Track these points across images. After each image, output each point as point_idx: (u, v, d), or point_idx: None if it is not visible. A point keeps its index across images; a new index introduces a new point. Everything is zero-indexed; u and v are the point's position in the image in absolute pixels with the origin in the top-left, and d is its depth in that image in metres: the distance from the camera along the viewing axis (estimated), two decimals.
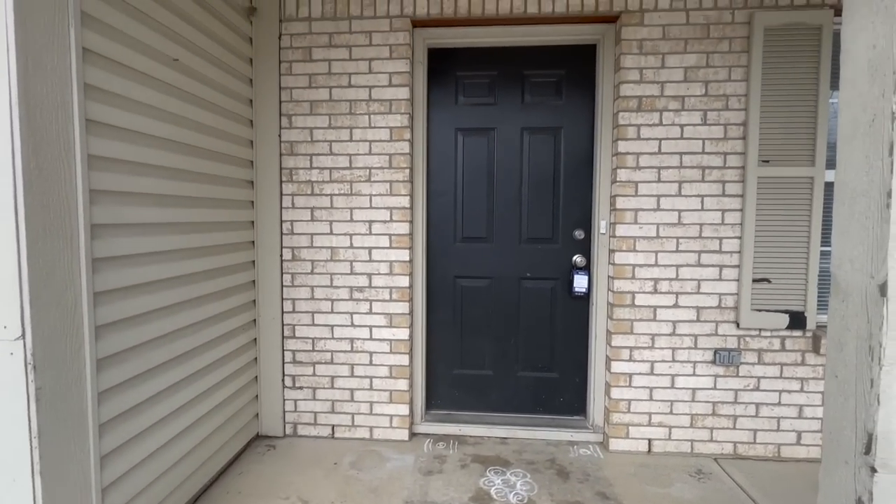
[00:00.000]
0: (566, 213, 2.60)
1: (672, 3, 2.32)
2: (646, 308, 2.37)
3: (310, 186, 2.50)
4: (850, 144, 1.16)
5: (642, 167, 2.35)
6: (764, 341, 2.33)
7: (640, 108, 2.34)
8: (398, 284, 2.47)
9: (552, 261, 2.62)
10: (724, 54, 2.31)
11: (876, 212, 1.08)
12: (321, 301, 2.51)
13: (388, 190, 2.46)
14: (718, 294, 2.34)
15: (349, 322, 2.51)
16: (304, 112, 2.49)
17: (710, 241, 2.33)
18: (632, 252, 2.37)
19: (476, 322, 2.67)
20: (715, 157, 2.32)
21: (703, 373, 2.36)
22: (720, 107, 2.31)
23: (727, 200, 2.32)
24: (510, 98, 2.61)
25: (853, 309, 1.14)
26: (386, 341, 2.49)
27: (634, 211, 2.36)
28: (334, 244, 2.49)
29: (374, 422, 2.52)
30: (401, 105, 2.44)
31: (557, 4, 2.36)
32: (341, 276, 2.50)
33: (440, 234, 2.66)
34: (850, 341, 1.15)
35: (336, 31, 2.46)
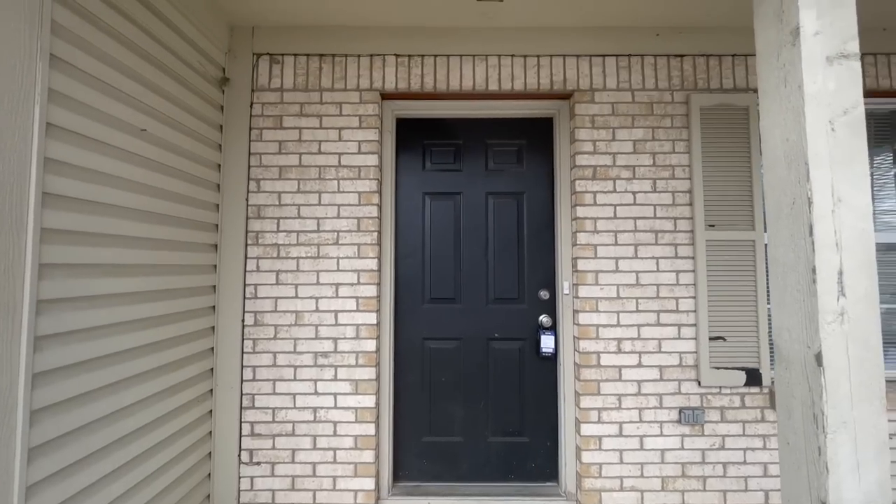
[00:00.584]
0: (531, 274, 2.67)
1: (619, 84, 2.56)
2: (611, 368, 2.40)
3: (276, 249, 2.48)
4: (777, 224, 1.27)
5: (600, 231, 2.48)
6: (725, 399, 2.39)
7: (595, 176, 2.51)
8: (365, 349, 2.43)
9: (519, 321, 2.65)
10: (667, 129, 2.54)
11: (805, 286, 1.17)
12: (283, 368, 2.42)
13: (356, 252, 2.48)
14: (679, 353, 2.41)
15: (313, 390, 2.41)
16: (272, 177, 2.53)
17: (668, 301, 2.44)
18: (595, 312, 2.44)
19: (445, 385, 2.62)
20: (666, 221, 2.48)
21: (670, 433, 2.37)
22: (667, 176, 2.51)
23: (680, 262, 2.46)
24: (475, 165, 2.74)
25: (796, 377, 1.20)
26: (351, 409, 2.40)
27: (595, 273, 2.46)
28: (299, 308, 2.45)
29: (338, 498, 2.36)
30: (370, 171, 2.52)
31: (516, 83, 2.56)
32: (306, 340, 2.43)
33: (408, 295, 2.66)
34: (796, 408, 1.20)
35: (307, 101, 2.56)
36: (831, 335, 1.12)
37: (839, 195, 1.16)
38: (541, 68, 2.57)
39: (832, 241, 1.14)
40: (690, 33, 2.57)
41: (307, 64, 2.58)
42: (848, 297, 1.13)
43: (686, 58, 2.58)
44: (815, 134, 1.17)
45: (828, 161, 1.16)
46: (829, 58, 1.19)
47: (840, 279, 1.13)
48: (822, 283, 1.13)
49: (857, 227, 1.15)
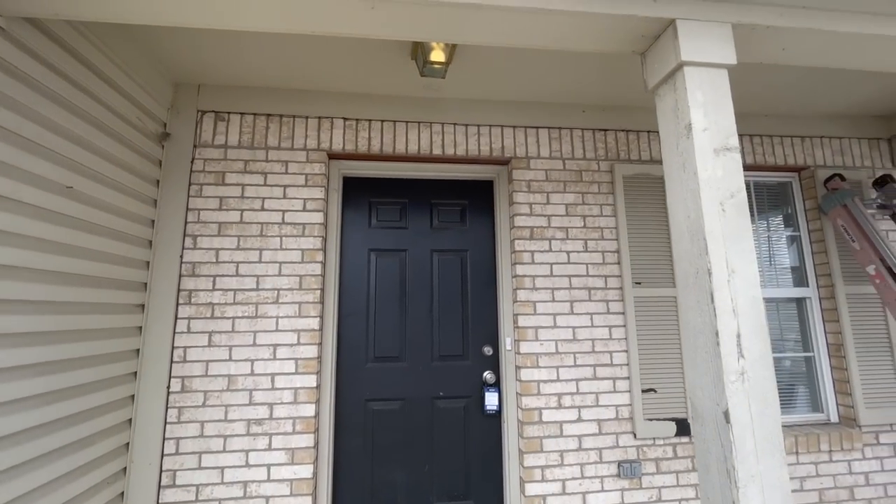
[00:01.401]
0: (475, 330, 2.72)
1: (551, 153, 2.80)
2: (553, 424, 2.45)
3: (210, 309, 2.37)
4: (686, 291, 1.42)
5: (538, 288, 2.60)
6: (659, 450, 2.49)
7: (532, 236, 2.66)
8: (303, 414, 2.31)
9: (464, 378, 2.65)
10: (595, 195, 2.78)
11: (711, 348, 1.30)
12: (212, 439, 2.24)
13: (297, 311, 2.42)
14: (615, 406, 2.51)
15: (244, 461, 2.23)
16: (211, 233, 2.45)
17: (602, 355, 2.56)
18: (536, 368, 2.50)
19: (388, 448, 2.53)
20: (598, 279, 2.66)
21: (610, 487, 2.41)
22: (597, 237, 2.72)
23: (612, 317, 2.62)
24: (420, 222, 2.82)
25: (710, 433, 1.30)
26: (286, 482, 2.24)
27: (535, 328, 2.55)
28: (233, 371, 2.31)
29: None
30: (314, 228, 2.52)
31: (458, 149, 2.73)
32: (238, 407, 2.28)
33: (351, 355, 2.60)
34: (712, 464, 1.29)
35: (252, 158, 2.56)
36: (735, 393, 1.24)
37: (732, 267, 1.32)
38: (481, 136, 2.76)
39: (730, 307, 1.29)
40: (612, 111, 2.90)
41: (254, 122, 2.61)
42: (746, 357, 1.26)
43: (609, 132, 2.89)
44: (710, 213, 1.35)
45: (721, 237, 1.34)
46: (716, 150, 1.41)
47: (739, 342, 1.27)
48: (724, 346, 1.26)
49: (749, 295, 1.31)
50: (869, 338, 2.78)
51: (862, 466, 2.64)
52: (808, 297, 2.97)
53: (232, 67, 2.43)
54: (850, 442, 2.63)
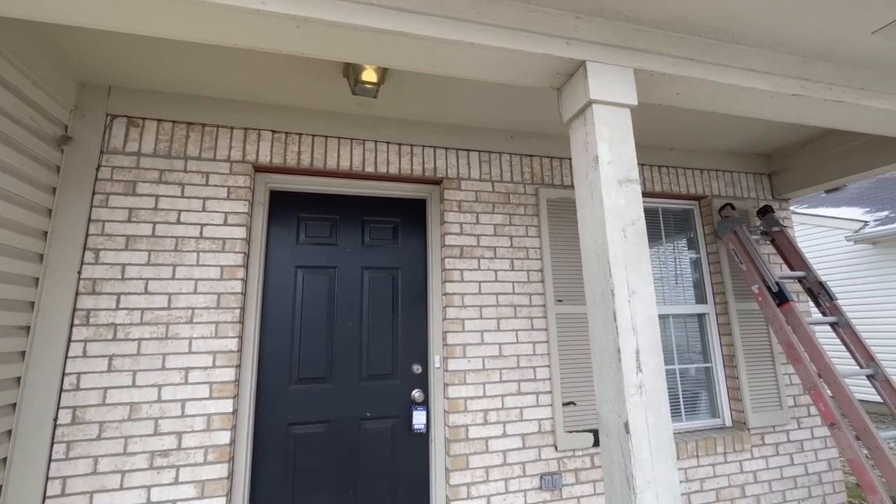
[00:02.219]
0: (405, 349, 2.71)
1: (481, 175, 2.91)
2: (479, 440, 2.49)
3: (112, 330, 2.16)
4: (594, 310, 1.52)
5: (467, 305, 2.66)
6: (578, 461, 2.61)
7: (462, 255, 2.73)
8: (217, 442, 2.16)
9: (392, 397, 2.63)
10: (521, 216, 2.92)
11: (615, 363, 1.40)
12: (107, 475, 2.02)
13: (214, 332, 2.27)
14: (538, 420, 2.61)
15: (144, 499, 2.03)
16: (117, 247, 2.26)
17: (527, 371, 2.66)
18: (463, 385, 2.54)
19: (311, 474, 2.42)
20: (523, 296, 2.77)
21: (533, 500, 2.49)
22: (523, 256, 2.84)
23: (536, 333, 2.73)
24: (351, 239, 2.79)
25: (613, 443, 1.39)
26: None
27: (463, 346, 2.60)
28: (136, 399, 2.11)
29: None
30: (235, 244, 2.40)
31: (391, 168, 2.75)
32: (140, 438, 2.08)
33: (274, 377, 2.48)
34: (615, 472, 1.38)
35: (169, 168, 2.40)
36: (635, 406, 1.35)
37: (633, 288, 1.45)
38: (413, 156, 2.81)
39: (630, 325, 1.41)
40: (538, 138, 3.08)
41: (172, 130, 2.46)
42: (644, 372, 1.38)
43: (535, 157, 3.06)
44: (614, 239, 1.48)
45: (623, 261, 1.46)
46: (619, 181, 1.55)
47: (638, 357, 1.39)
48: (625, 361, 1.37)
49: (646, 314, 1.44)
50: (755, 349, 3.14)
51: (751, 465, 2.95)
52: (707, 313, 3.30)
53: (149, 70, 2.28)
54: (741, 444, 2.93)
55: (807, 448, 3.11)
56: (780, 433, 3.07)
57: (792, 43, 1.88)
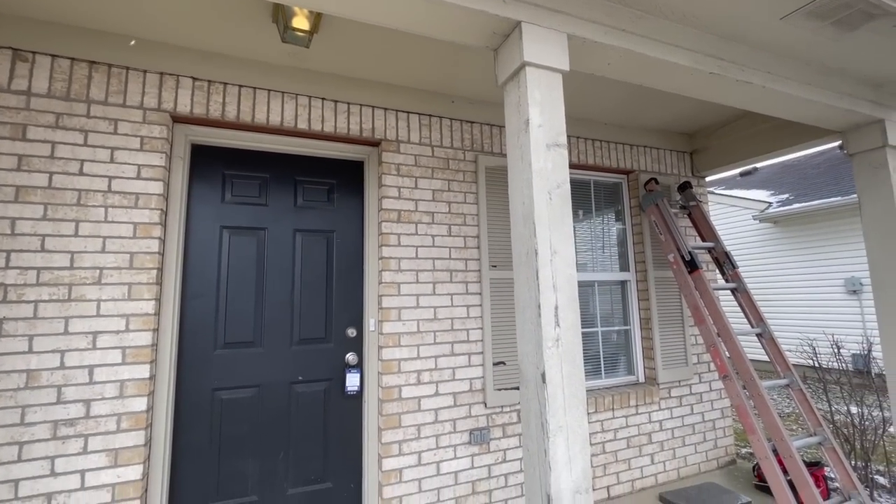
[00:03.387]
0: (339, 313, 2.68)
1: (421, 139, 2.86)
2: (411, 400, 2.55)
3: (1, 291, 1.93)
4: (519, 269, 1.58)
5: (403, 270, 2.66)
6: (505, 416, 2.76)
7: (399, 219, 2.71)
8: (131, 409, 2.04)
9: (326, 361, 2.60)
10: (460, 182, 2.93)
11: (535, 318, 1.47)
12: (1, 448, 1.84)
13: (126, 294, 2.11)
14: (469, 379, 2.71)
15: (48, 470, 1.89)
16: (5, 199, 2.00)
17: (460, 333, 2.74)
18: (398, 347, 2.57)
19: (239, 439, 2.37)
20: (459, 262, 2.82)
21: (462, 454, 2.61)
22: (460, 223, 2.87)
23: (470, 297, 2.80)
24: (283, 200, 2.66)
25: (531, 393, 1.48)
26: (107, 487, 1.96)
27: (398, 309, 2.61)
28: (34, 365, 1.93)
29: None
30: (151, 200, 2.21)
31: (327, 126, 2.63)
32: (41, 407, 1.92)
33: (197, 341, 2.36)
34: (532, 419, 1.47)
35: (68, 112, 2.14)
36: (551, 357, 1.43)
37: (555, 248, 1.51)
38: (351, 115, 2.70)
39: (551, 283, 1.48)
40: (479, 105, 3.07)
41: (71, 69, 2.17)
42: (562, 326, 1.46)
43: (475, 124, 3.06)
44: (540, 201, 1.52)
45: (547, 222, 1.52)
46: (548, 145, 1.58)
47: (556, 313, 1.47)
48: (545, 316, 1.45)
49: (566, 273, 1.52)
50: (668, 313, 3.45)
51: (658, 416, 3.28)
52: (629, 280, 3.55)
53: None
54: (651, 397, 3.24)
55: (705, 399, 3.50)
56: (684, 387, 3.42)
57: (711, 22, 1.99)
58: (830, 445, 2.60)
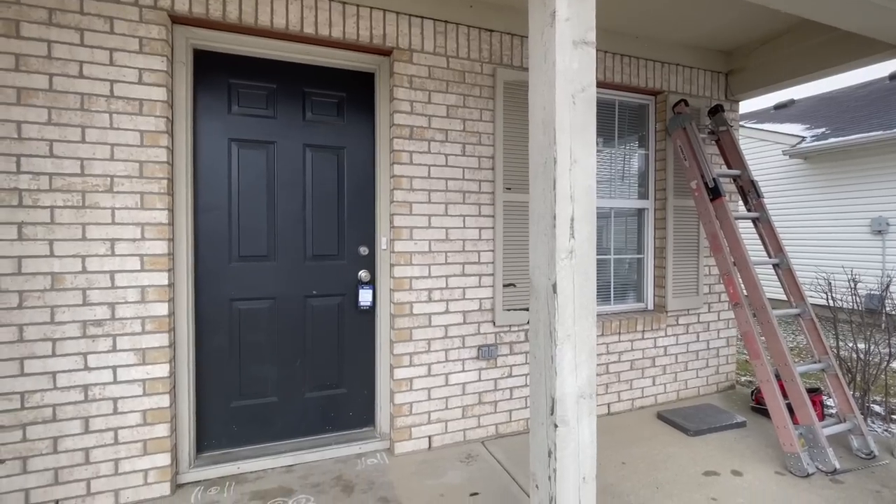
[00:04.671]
0: (351, 230, 2.67)
1: (436, 48, 2.66)
2: (422, 316, 2.61)
3: (16, 196, 1.94)
4: (535, 181, 1.52)
5: (416, 189, 2.61)
6: (513, 335, 2.83)
7: (411, 136, 2.60)
8: (153, 313, 2.12)
9: (339, 277, 2.65)
10: (476, 98, 2.76)
11: (549, 230, 1.43)
12: (35, 343, 1.96)
13: (139, 203, 2.11)
14: (479, 299, 2.75)
15: (82, 365, 2.02)
16: (7, 101, 1.94)
17: (472, 254, 2.73)
18: (409, 266, 2.59)
19: (258, 347, 2.49)
20: (472, 183, 2.74)
21: (470, 368, 2.72)
22: (475, 141, 2.75)
23: (483, 220, 2.76)
24: (291, 113, 2.56)
25: (541, 304, 1.48)
26: (138, 382, 2.10)
27: (410, 228, 2.59)
28: (57, 269, 1.99)
29: (122, 482, 2.07)
30: (155, 106, 2.13)
31: (335, 30, 2.44)
32: (68, 308, 2.00)
33: (212, 253, 2.40)
34: (540, 329, 1.49)
35: (59, 7, 2.01)
36: (564, 269, 1.41)
37: (575, 157, 1.44)
38: (360, 19, 2.50)
39: (568, 193, 1.42)
40: (500, 11, 2.81)
41: None
42: (576, 238, 1.43)
43: (495, 33, 2.82)
44: (562, 105, 1.42)
45: (569, 128, 1.43)
46: (574, 42, 1.44)
47: (572, 224, 1.42)
48: (559, 227, 1.41)
49: (585, 184, 1.45)
50: (683, 243, 3.38)
51: (663, 342, 3.34)
52: (647, 208, 3.45)
53: None
54: (658, 323, 3.28)
55: (712, 328, 3.54)
56: (693, 315, 3.45)
57: None
58: (833, 372, 2.64)
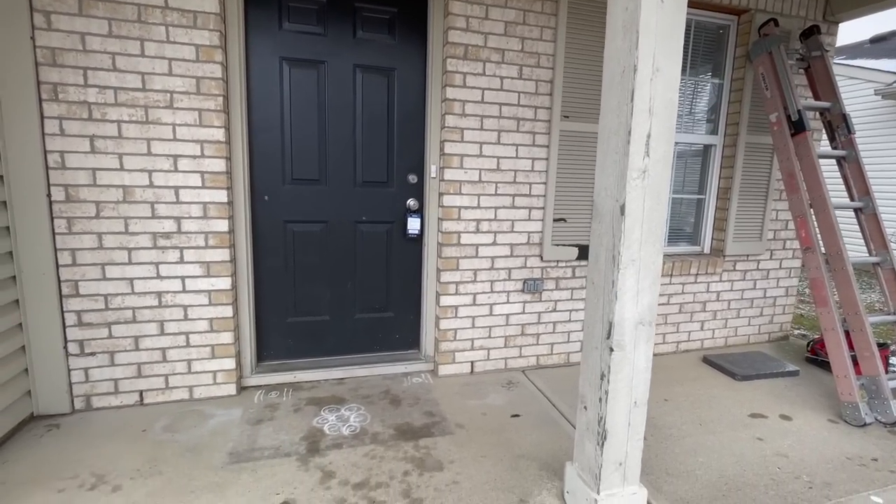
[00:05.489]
0: (401, 157, 2.63)
1: None
2: (470, 246, 2.60)
3: (86, 109, 2.01)
4: (609, 94, 1.40)
5: (468, 115, 2.50)
6: (560, 270, 2.79)
7: (466, 56, 2.45)
8: (215, 229, 2.22)
9: (388, 204, 2.65)
10: (537, 14, 2.54)
11: (622, 147, 1.34)
12: (114, 250, 2.11)
13: (198, 120, 2.14)
14: (528, 232, 2.69)
15: (154, 273, 2.17)
16: (69, 11, 1.95)
17: (522, 186, 2.64)
18: (458, 195, 2.54)
19: (310, 268, 2.58)
20: (527, 109, 2.59)
21: (514, 300, 2.73)
22: (533, 63, 2.56)
23: (536, 150, 2.64)
24: (341, 30, 2.46)
25: (604, 228, 1.42)
26: (203, 293, 2.24)
27: (461, 156, 2.51)
28: (127, 182, 2.08)
29: (195, 380, 2.28)
30: (209, 20, 2.09)
31: None
32: (140, 220, 2.12)
33: (266, 174, 2.44)
34: (601, 253, 1.43)
35: None
36: (634, 189, 1.33)
37: (658, 65, 1.29)
38: None
39: (647, 107, 1.30)
40: None
41: None
42: (651, 157, 1.32)
43: None
44: (649, 3, 1.26)
45: (654, 31, 1.27)
46: None
47: (648, 141, 1.31)
48: (634, 144, 1.30)
49: (666, 97, 1.32)
50: (751, 184, 3.13)
51: (717, 287, 3.21)
52: (714, 145, 3.18)
53: None
54: (713, 268, 3.13)
55: (771, 276, 3.35)
56: (752, 262, 3.26)
57: None
58: None
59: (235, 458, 1.82)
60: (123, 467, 1.74)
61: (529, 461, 1.87)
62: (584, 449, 1.54)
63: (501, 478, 1.75)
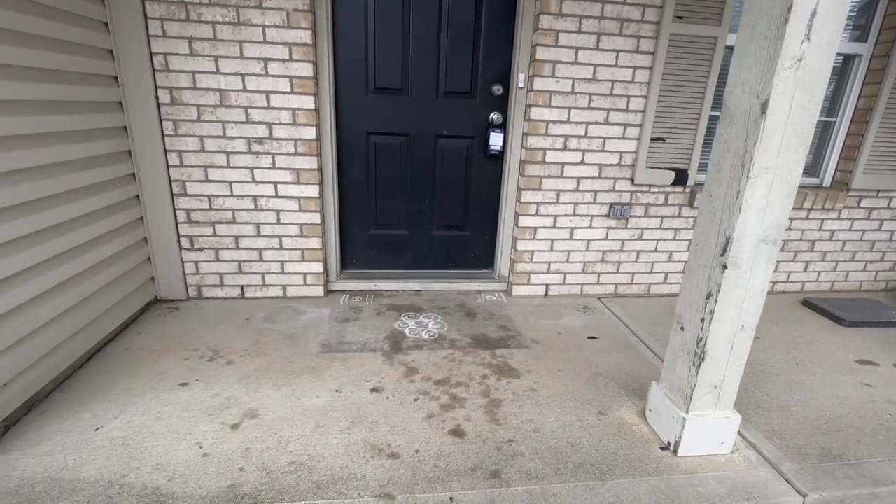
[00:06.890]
0: (487, 65, 2.46)
1: None
2: (555, 165, 2.46)
3: (183, 9, 2.03)
4: None
5: (565, 14, 2.24)
6: (651, 196, 2.59)
7: None
8: (304, 136, 2.25)
9: (470, 118, 2.53)
10: None
11: (774, 29, 1.12)
12: (214, 154, 2.22)
13: (286, 21, 2.10)
14: (620, 152, 2.48)
15: (250, 178, 2.28)
16: None
17: (619, 100, 2.40)
18: (547, 107, 2.36)
19: (391, 181, 2.59)
20: (634, 8, 2.27)
21: (598, 225, 2.60)
22: None
23: (639, 58, 2.34)
24: None
25: (735, 131, 1.24)
26: (294, 199, 2.34)
27: (553, 63, 2.30)
28: (223, 86, 2.14)
29: (287, 280, 2.47)
30: None
31: None
32: (235, 125, 2.20)
33: (350, 82, 2.40)
34: (726, 161, 1.27)
35: None
36: (783, 82, 1.12)
37: None
38: None
39: None
40: None
41: None
42: (812, 41, 1.10)
43: None
44: None
45: None
46: None
47: (811, 21, 1.08)
48: (792, 24, 1.08)
49: None
50: None
51: (832, 225, 2.84)
52: (860, 55, 2.65)
53: None
54: (831, 203, 2.75)
55: None
56: (882, 199, 2.82)
57: None
58: None
59: (327, 348, 1.98)
60: (234, 347, 1.96)
61: (607, 379, 1.86)
62: (675, 369, 1.49)
63: (579, 391, 1.77)
